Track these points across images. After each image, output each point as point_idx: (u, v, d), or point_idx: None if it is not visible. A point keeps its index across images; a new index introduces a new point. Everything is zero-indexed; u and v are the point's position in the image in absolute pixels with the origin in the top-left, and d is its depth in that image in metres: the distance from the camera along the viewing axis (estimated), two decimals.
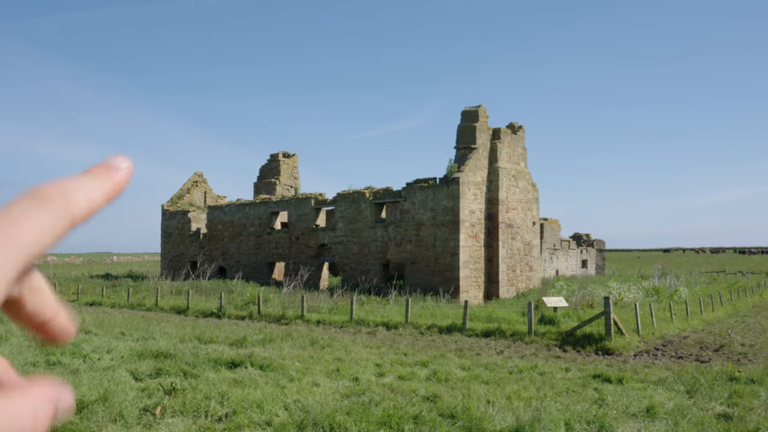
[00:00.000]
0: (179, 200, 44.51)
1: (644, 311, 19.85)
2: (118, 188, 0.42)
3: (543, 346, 15.84)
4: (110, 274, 47.29)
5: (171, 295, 29.25)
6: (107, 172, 0.43)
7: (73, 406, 0.43)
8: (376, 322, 19.52)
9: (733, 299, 30.49)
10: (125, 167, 0.44)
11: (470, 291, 30.02)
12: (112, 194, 0.42)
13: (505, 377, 11.24)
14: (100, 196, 0.41)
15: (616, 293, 25.70)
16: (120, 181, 0.43)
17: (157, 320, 19.90)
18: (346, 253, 33.41)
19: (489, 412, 7.87)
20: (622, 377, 11.24)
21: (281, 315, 21.54)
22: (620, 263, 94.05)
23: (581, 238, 57.02)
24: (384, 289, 30.70)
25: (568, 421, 7.85)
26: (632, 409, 8.79)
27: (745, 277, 55.41)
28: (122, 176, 0.43)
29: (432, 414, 8.02)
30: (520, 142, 34.84)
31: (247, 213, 38.46)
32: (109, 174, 0.43)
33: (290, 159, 45.74)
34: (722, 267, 76.38)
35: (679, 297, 27.97)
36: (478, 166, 31.40)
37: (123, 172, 0.43)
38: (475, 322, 18.96)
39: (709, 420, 8.20)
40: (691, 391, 10.17)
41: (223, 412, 7.77)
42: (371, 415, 7.64)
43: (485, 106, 32.53)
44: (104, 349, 12.20)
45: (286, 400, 8.44)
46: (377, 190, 33.02)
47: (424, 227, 30.66)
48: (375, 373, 11.17)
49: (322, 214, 35.85)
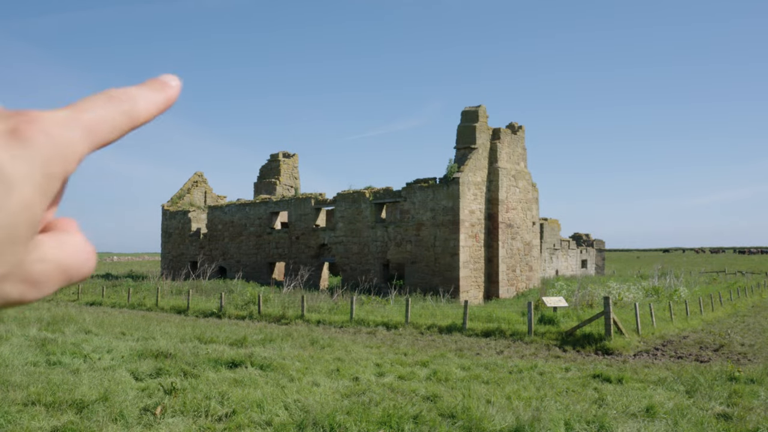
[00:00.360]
0: (179, 200, 44.53)
1: (644, 311, 19.86)
2: (169, 102, 0.50)
3: (543, 345, 15.86)
4: (110, 274, 47.30)
5: (171, 295, 29.26)
6: (162, 86, 0.50)
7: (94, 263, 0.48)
8: (376, 322, 19.53)
9: (732, 299, 30.51)
10: (175, 84, 0.51)
11: (470, 291, 30.04)
12: (165, 106, 0.49)
13: (505, 377, 11.25)
14: (156, 106, 0.49)
15: (615, 293, 25.72)
16: (171, 96, 0.50)
17: (158, 320, 19.92)
18: (346, 253, 33.42)
19: (489, 412, 7.88)
20: (621, 377, 11.25)
21: (281, 315, 21.56)
22: (620, 263, 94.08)
23: (581, 238, 57.03)
24: (384, 289, 30.71)
25: (568, 420, 7.87)
26: (632, 408, 8.81)
27: (745, 277, 55.44)
28: (173, 92, 0.50)
29: (432, 414, 8.04)
30: (520, 142, 34.85)
31: (248, 213, 38.48)
32: (164, 89, 0.50)
33: (290, 159, 45.76)
34: (722, 267, 76.40)
35: (678, 297, 27.99)
36: (478, 166, 31.41)
37: (174, 89, 0.50)
38: (475, 322, 18.98)
39: (709, 420, 8.21)
40: (691, 390, 10.19)
41: (223, 412, 7.78)
42: (371, 415, 7.65)
43: (485, 106, 32.55)
44: (105, 349, 12.21)
45: (286, 399, 8.45)
46: (377, 190, 33.03)
47: (424, 227, 30.67)
48: (375, 373, 11.18)
49: (322, 214, 35.87)
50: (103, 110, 0.46)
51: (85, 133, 0.44)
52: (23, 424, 6.85)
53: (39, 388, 8.26)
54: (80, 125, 0.44)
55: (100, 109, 0.46)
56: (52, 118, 0.44)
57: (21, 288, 0.43)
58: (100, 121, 0.45)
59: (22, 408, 7.46)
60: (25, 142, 0.42)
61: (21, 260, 0.42)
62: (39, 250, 0.44)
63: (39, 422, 6.94)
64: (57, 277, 0.45)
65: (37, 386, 8.39)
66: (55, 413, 7.37)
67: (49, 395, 7.94)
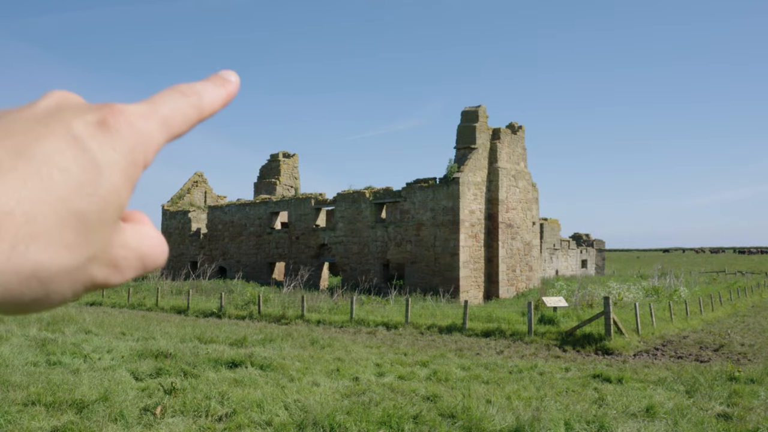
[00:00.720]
0: (179, 200, 44.53)
1: (644, 311, 19.86)
2: (230, 96, 0.54)
3: (543, 345, 15.86)
4: None
5: (171, 295, 29.26)
6: (224, 82, 0.54)
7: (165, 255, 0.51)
8: (376, 322, 19.53)
9: (732, 299, 30.51)
10: (235, 80, 0.54)
11: (470, 291, 30.04)
12: (226, 100, 0.53)
13: (505, 377, 11.25)
14: (220, 100, 0.53)
15: (615, 293, 25.71)
16: (232, 91, 0.54)
17: (158, 320, 19.92)
18: (346, 253, 33.42)
19: (489, 412, 7.88)
20: (621, 377, 11.25)
21: (281, 315, 21.56)
22: (620, 263, 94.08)
23: (581, 238, 57.03)
24: (384, 289, 30.71)
25: (568, 420, 7.87)
26: (632, 408, 8.80)
27: (745, 277, 55.45)
28: (233, 87, 0.54)
29: (432, 414, 8.04)
30: (520, 142, 34.85)
31: (248, 213, 38.48)
32: (225, 84, 0.53)
33: (290, 159, 45.75)
34: (722, 267, 76.41)
35: (678, 297, 27.99)
36: (478, 166, 31.41)
37: (234, 84, 0.54)
38: (475, 322, 18.98)
39: (709, 420, 8.21)
40: (691, 390, 10.19)
41: (223, 412, 7.78)
42: (371, 415, 7.65)
43: (485, 106, 32.55)
44: (105, 349, 12.21)
45: (286, 399, 8.45)
46: (377, 190, 33.03)
47: (424, 227, 30.67)
48: (375, 373, 11.18)
49: (322, 214, 35.86)
50: (176, 104, 0.50)
51: (162, 125, 0.48)
52: (23, 424, 6.85)
53: (39, 388, 8.26)
54: (158, 118, 0.48)
55: (173, 102, 0.49)
56: (134, 110, 0.47)
57: (106, 271, 0.45)
58: (175, 115, 0.49)
59: (22, 408, 7.46)
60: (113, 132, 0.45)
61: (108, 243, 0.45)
62: (122, 236, 0.46)
63: (39, 422, 6.94)
64: (135, 263, 0.47)
65: (37, 386, 8.39)
66: (55, 413, 7.37)
67: (49, 395, 7.94)
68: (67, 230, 0.41)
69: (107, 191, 0.43)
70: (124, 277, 0.46)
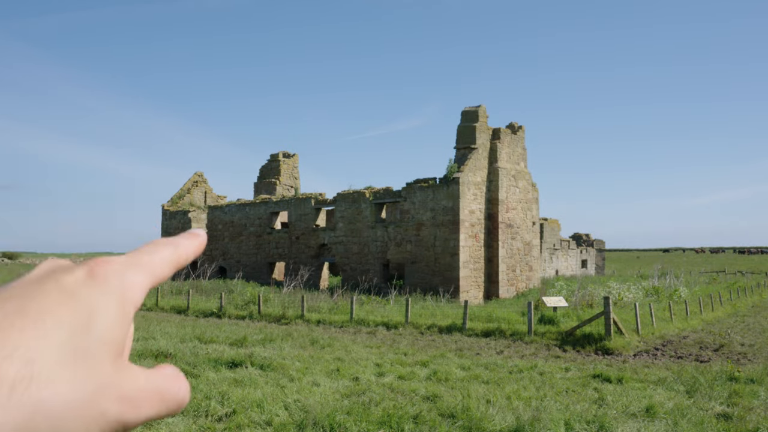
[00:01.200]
0: (179, 200, 44.55)
1: (644, 311, 19.86)
2: (200, 247, 0.63)
3: (543, 345, 15.86)
4: None
5: (171, 295, 29.27)
6: (195, 237, 0.63)
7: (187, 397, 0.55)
8: (376, 322, 19.54)
9: (732, 299, 30.52)
10: (203, 236, 0.64)
11: (470, 291, 30.05)
12: (197, 251, 0.62)
13: (505, 377, 11.25)
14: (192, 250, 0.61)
15: (615, 293, 25.71)
16: (202, 242, 0.63)
17: (158, 320, 19.93)
18: (346, 253, 33.43)
19: (489, 412, 7.88)
20: (621, 377, 11.26)
21: (281, 315, 21.56)
22: (620, 263, 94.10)
23: (581, 238, 57.05)
24: (384, 289, 30.72)
25: (568, 420, 7.87)
26: (632, 408, 8.81)
27: (745, 277, 55.46)
28: (202, 240, 0.63)
29: (432, 414, 8.04)
30: (520, 142, 34.86)
31: (248, 213, 38.50)
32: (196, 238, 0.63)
33: (290, 159, 45.77)
34: (722, 267, 76.41)
35: (678, 297, 27.99)
36: (478, 166, 31.42)
37: (202, 237, 0.64)
38: (475, 321, 18.98)
39: (709, 420, 8.22)
40: (691, 390, 10.19)
41: (223, 412, 7.78)
42: (371, 415, 7.66)
43: (485, 106, 32.56)
44: None
45: (286, 399, 8.46)
46: (377, 190, 33.04)
47: (424, 227, 30.68)
48: (375, 373, 11.18)
49: (322, 214, 35.87)
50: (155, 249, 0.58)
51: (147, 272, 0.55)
52: None
53: None
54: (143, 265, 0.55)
55: (153, 248, 0.58)
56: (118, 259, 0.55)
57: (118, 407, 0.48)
58: (158, 262, 0.57)
59: None
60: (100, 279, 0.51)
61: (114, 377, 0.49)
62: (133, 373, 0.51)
63: None
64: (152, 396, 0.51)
65: None
66: None
67: None
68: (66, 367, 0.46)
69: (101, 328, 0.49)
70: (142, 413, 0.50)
